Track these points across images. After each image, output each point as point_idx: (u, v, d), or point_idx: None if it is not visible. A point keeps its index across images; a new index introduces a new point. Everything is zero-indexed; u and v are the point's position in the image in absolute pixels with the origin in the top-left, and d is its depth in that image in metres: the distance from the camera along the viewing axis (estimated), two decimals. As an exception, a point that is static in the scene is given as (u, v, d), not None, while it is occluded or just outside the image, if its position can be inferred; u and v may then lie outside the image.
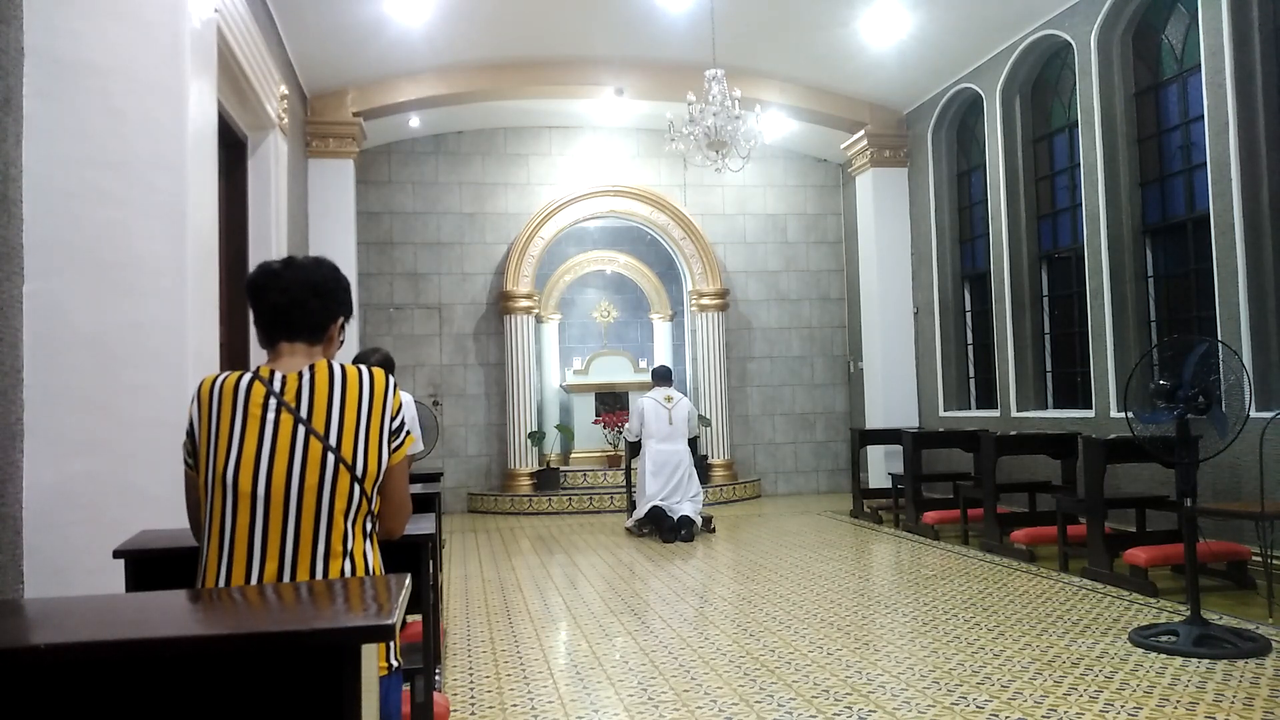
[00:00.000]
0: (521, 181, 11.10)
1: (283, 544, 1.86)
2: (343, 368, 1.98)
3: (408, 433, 2.05)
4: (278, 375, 1.93)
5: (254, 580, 1.86)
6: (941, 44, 8.61)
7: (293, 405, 1.90)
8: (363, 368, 1.99)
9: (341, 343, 2.15)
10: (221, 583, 1.87)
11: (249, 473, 1.86)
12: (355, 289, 9.76)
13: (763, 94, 9.34)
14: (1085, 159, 7.63)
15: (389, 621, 1.31)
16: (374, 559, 1.99)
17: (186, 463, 2.00)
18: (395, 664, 1.98)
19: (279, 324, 2.00)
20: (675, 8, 8.00)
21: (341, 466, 1.89)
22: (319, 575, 1.88)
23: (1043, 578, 5.87)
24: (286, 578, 1.87)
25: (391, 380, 2.01)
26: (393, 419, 1.98)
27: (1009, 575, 6.01)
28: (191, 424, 1.95)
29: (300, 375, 1.93)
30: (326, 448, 1.88)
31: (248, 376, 1.93)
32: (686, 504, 8.12)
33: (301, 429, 1.88)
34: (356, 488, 1.91)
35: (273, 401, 1.89)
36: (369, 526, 1.98)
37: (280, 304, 1.99)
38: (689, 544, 7.77)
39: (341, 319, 2.10)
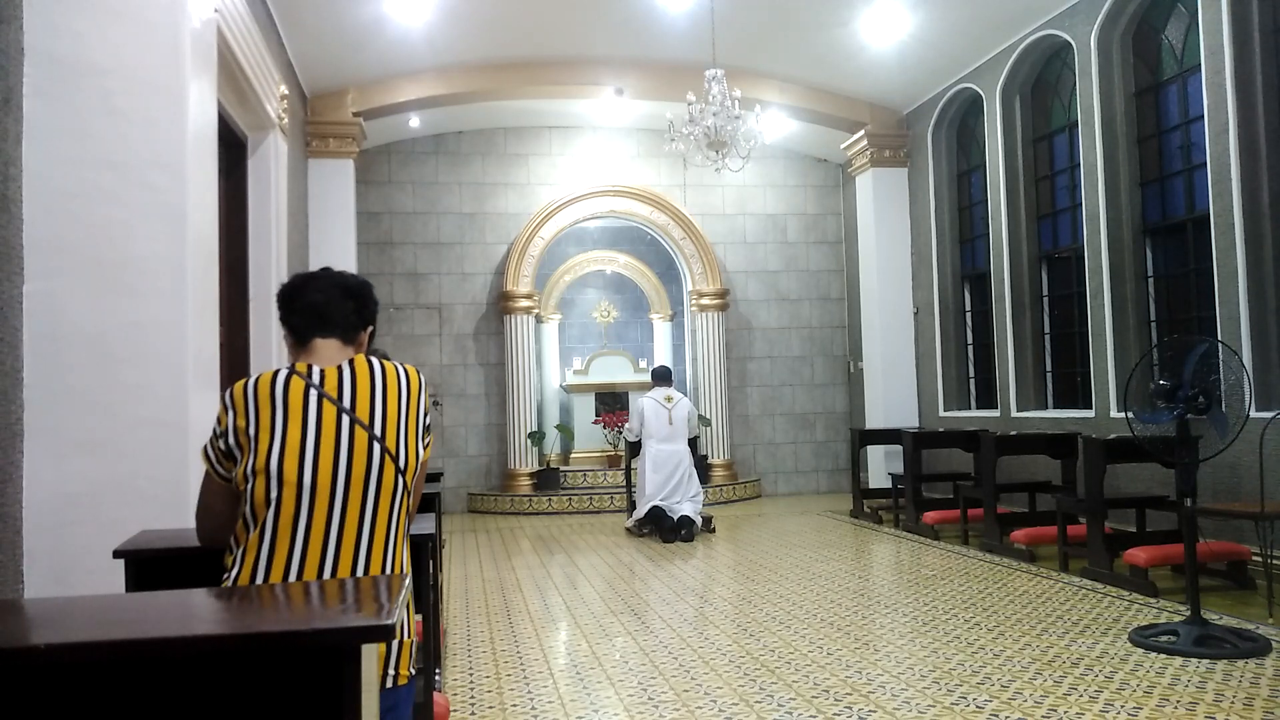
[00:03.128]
0: (521, 181, 11.10)
1: (326, 535, 1.84)
2: (381, 363, 2.00)
3: (431, 432, 2.08)
4: (315, 369, 1.94)
5: (294, 574, 1.82)
6: (941, 44, 8.61)
7: (334, 396, 1.90)
8: (399, 364, 2.03)
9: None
10: (260, 578, 1.83)
11: (294, 460, 1.84)
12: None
13: (763, 94, 9.33)
14: (1085, 159, 7.63)
15: (389, 621, 1.31)
16: (406, 556, 2.01)
17: (210, 460, 1.96)
18: (413, 671, 1.95)
19: (315, 320, 2.03)
20: (675, 8, 8.00)
21: (387, 457, 1.90)
22: (360, 571, 1.85)
23: (1043, 578, 5.87)
24: (328, 573, 1.83)
25: (424, 379, 2.05)
26: (425, 416, 2.02)
27: (1009, 575, 6.01)
28: (225, 429, 1.91)
29: (340, 369, 1.95)
30: (372, 437, 1.89)
31: (284, 373, 1.93)
32: (686, 504, 8.12)
33: (346, 419, 1.88)
34: (400, 480, 1.92)
35: (313, 394, 1.89)
36: (406, 524, 1.99)
37: (318, 301, 2.04)
38: (689, 544, 7.77)
39: (371, 329, 2.14)
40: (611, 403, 11.07)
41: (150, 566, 2.33)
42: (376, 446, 1.89)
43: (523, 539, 8.41)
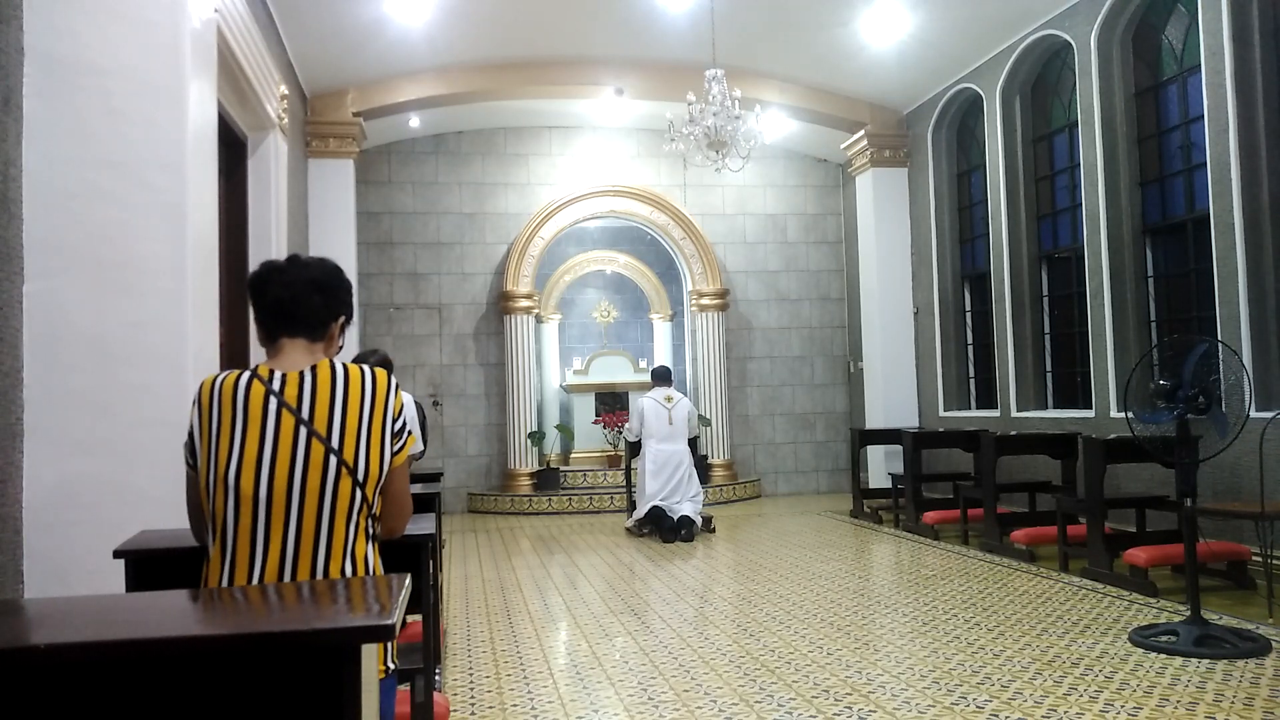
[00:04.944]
0: (521, 181, 11.10)
1: (284, 545, 1.86)
2: (345, 367, 1.97)
3: (409, 434, 2.05)
4: (277, 374, 1.92)
5: (255, 581, 1.87)
6: (941, 44, 8.61)
7: (293, 406, 1.89)
8: (365, 368, 1.99)
9: (341, 346, 2.14)
10: (225, 584, 1.88)
11: (250, 475, 1.85)
12: (355, 289, 9.71)
13: (763, 94, 9.33)
14: (1085, 159, 7.63)
15: (389, 621, 1.31)
16: (374, 559, 2.00)
17: (188, 463, 1.99)
18: (391, 666, 1.98)
19: (281, 319, 1.99)
20: (675, 8, 8.00)
21: (344, 469, 1.89)
22: (319, 576, 1.88)
23: (1043, 578, 5.87)
24: (288, 578, 1.87)
25: (393, 381, 2.01)
26: (394, 420, 1.98)
27: (1009, 575, 6.01)
28: (192, 425, 1.94)
29: (302, 375, 1.92)
30: (329, 450, 1.88)
31: (246, 376, 1.92)
32: (686, 504, 8.12)
33: (303, 430, 1.88)
34: (358, 491, 1.91)
35: (273, 401, 1.88)
36: (371, 528, 1.98)
37: (283, 298, 1.99)
38: (689, 544, 7.76)
39: (343, 319, 2.09)
40: (611, 403, 11.07)
41: (150, 566, 2.33)
42: (333, 460, 1.88)
43: (523, 539, 8.41)
